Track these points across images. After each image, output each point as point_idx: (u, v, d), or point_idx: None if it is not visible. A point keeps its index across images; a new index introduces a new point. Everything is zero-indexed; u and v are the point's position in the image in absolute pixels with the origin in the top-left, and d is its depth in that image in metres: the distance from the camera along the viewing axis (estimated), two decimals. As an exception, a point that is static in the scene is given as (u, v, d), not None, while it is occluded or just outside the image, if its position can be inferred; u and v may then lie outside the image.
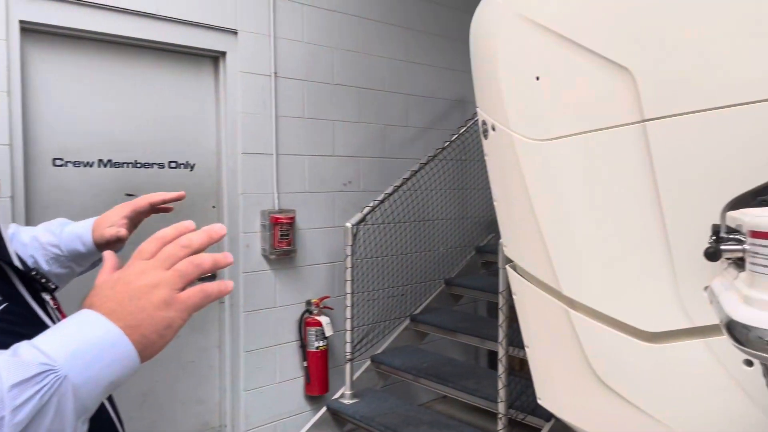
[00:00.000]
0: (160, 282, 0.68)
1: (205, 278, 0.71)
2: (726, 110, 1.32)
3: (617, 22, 1.47)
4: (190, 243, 0.71)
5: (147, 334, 0.66)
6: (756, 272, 0.66)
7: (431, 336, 4.19)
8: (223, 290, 0.72)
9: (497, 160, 2.03)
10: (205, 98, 3.11)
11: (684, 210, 1.42)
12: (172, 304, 0.68)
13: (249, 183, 3.18)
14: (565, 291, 1.76)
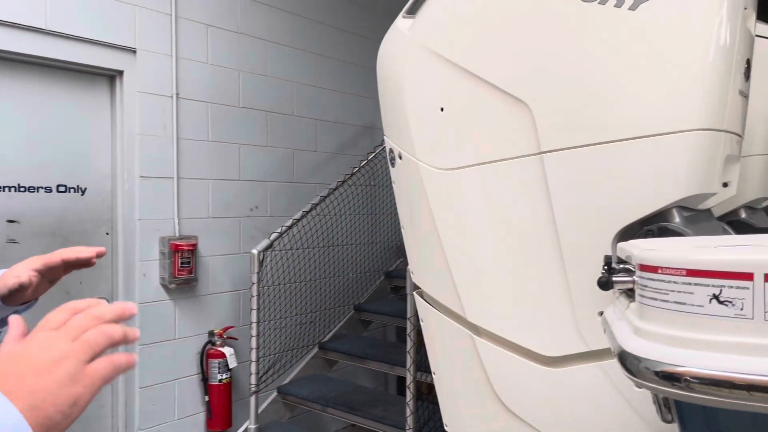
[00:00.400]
0: (67, 355, 0.62)
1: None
2: (614, 144, 1.40)
3: (516, 59, 1.54)
4: (102, 315, 0.67)
5: (50, 414, 0.59)
6: (645, 304, 0.69)
7: (340, 363, 4.13)
8: (131, 362, 0.67)
9: (404, 188, 2.05)
10: (99, 119, 2.93)
11: (578, 238, 1.49)
12: (79, 379, 0.62)
13: (147, 208, 3.02)
14: (470, 317, 1.79)
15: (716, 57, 1.34)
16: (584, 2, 1.42)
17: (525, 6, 1.51)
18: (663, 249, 0.69)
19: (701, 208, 1.60)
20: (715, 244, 0.78)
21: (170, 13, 3.02)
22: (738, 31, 1.39)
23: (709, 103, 1.35)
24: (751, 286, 0.59)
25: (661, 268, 0.66)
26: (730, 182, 1.51)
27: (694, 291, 0.62)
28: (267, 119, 3.73)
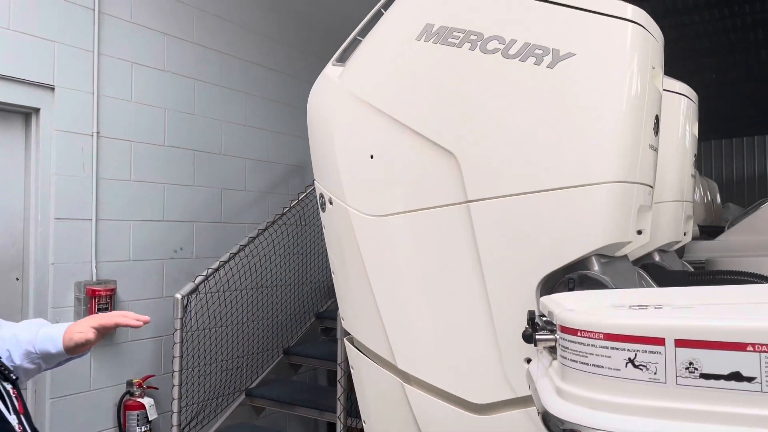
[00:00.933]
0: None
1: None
2: (536, 195, 1.45)
3: (443, 110, 1.58)
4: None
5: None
6: (566, 365, 0.70)
7: (268, 410, 3.99)
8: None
9: (335, 233, 2.04)
10: (13, 158, 2.77)
11: (504, 286, 1.52)
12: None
13: (62, 251, 2.85)
14: (400, 365, 1.78)
15: (628, 114, 1.43)
16: (506, 59, 1.48)
17: (450, 60, 1.56)
18: (582, 311, 0.71)
19: (618, 255, 1.67)
20: (631, 301, 0.81)
21: (92, 50, 2.92)
22: (647, 90, 1.49)
23: (623, 157, 1.43)
24: (663, 351, 0.61)
25: (581, 330, 0.67)
26: (643, 230, 1.60)
27: (611, 354, 0.64)
28: (194, 158, 3.64)
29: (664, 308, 0.71)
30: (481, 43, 1.51)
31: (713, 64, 9.45)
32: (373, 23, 1.80)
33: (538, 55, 1.45)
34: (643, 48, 1.45)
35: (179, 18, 3.46)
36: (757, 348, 0.57)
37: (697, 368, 0.60)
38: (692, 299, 0.81)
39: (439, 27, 1.58)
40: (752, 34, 8.59)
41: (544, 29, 1.46)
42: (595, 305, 0.80)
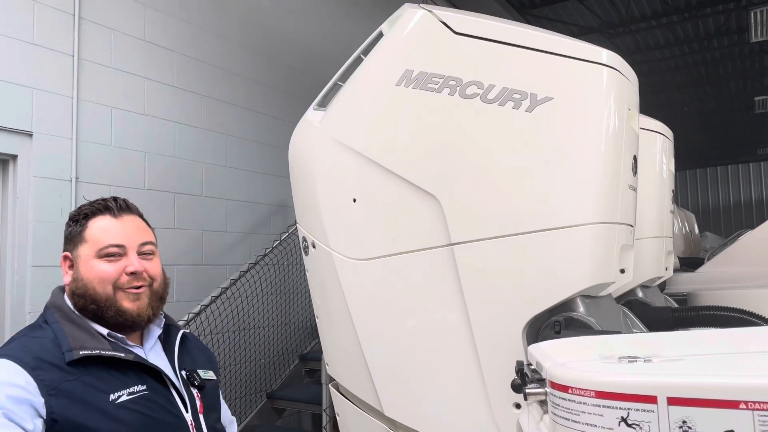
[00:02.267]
0: None
1: None
2: (519, 237, 1.45)
3: (425, 154, 1.59)
4: None
5: None
6: (558, 423, 0.69)
7: (252, 456, 3.88)
8: None
9: (318, 276, 2.02)
10: (-12, 204, 2.73)
11: (490, 330, 1.51)
12: None
13: (40, 300, 2.77)
14: (387, 412, 1.75)
15: (606, 156, 1.45)
16: (485, 103, 1.50)
17: (430, 106, 1.58)
18: (573, 367, 0.70)
19: (602, 295, 1.68)
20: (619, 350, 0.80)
21: (71, 95, 2.91)
22: (624, 130, 1.51)
23: (604, 198, 1.45)
24: (656, 410, 0.60)
25: (572, 387, 0.66)
26: (626, 268, 1.60)
27: (603, 413, 0.63)
28: (174, 200, 3.61)
29: (654, 360, 0.71)
30: (460, 88, 1.54)
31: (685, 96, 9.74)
32: (353, 68, 1.82)
33: (517, 99, 1.47)
34: (619, 91, 1.48)
35: (159, 62, 3.48)
36: (750, 406, 0.56)
37: (691, 427, 0.59)
38: (681, 348, 0.81)
39: (418, 73, 1.60)
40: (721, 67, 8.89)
41: (521, 74, 1.48)
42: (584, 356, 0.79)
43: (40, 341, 1.19)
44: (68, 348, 1.17)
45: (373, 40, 1.78)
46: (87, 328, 1.24)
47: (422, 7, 1.68)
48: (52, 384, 1.11)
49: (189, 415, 1.29)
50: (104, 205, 1.32)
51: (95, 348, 1.19)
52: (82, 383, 1.14)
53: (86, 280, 1.25)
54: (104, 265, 1.27)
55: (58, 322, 1.23)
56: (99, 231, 1.29)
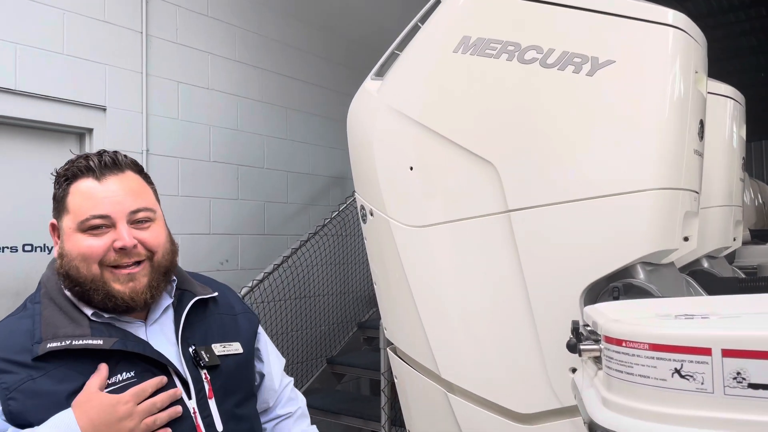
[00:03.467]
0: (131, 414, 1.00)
1: None
2: (578, 203, 1.44)
3: (482, 121, 1.59)
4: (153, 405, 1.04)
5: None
6: (611, 376, 0.70)
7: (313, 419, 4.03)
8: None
9: (376, 244, 2.07)
10: (67, 175, 2.91)
11: (547, 295, 1.51)
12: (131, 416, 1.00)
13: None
14: (443, 374, 1.79)
15: (671, 120, 1.41)
16: (544, 68, 1.49)
17: (489, 70, 1.57)
18: (627, 321, 0.72)
19: (664, 262, 1.65)
20: (677, 310, 0.81)
21: (141, 71, 3.05)
22: (690, 94, 1.47)
23: (667, 163, 1.41)
24: (710, 361, 0.61)
25: (626, 341, 0.67)
26: (690, 236, 1.56)
27: (657, 365, 0.64)
28: (238, 172, 3.74)
29: (711, 318, 0.71)
30: (519, 53, 1.52)
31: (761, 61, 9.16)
32: (410, 37, 1.83)
33: (577, 63, 1.44)
34: (685, 52, 1.43)
35: (222, 37, 3.57)
36: (807, 357, 0.56)
37: (745, 378, 0.59)
38: (740, 308, 0.80)
39: (476, 39, 1.59)
40: (801, 30, 8.29)
41: (582, 37, 1.45)
42: (640, 315, 0.79)
43: (12, 332, 1.05)
44: (38, 339, 1.02)
45: (430, 7, 1.78)
46: (68, 311, 1.08)
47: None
48: (13, 386, 0.98)
49: (192, 402, 1.11)
50: (85, 164, 1.11)
51: (66, 337, 1.02)
52: (51, 379, 1.00)
53: (70, 257, 1.08)
54: (88, 240, 1.08)
55: (39, 302, 1.09)
56: (81, 198, 1.09)
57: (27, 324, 1.05)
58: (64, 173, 1.12)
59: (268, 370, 1.44)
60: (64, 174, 1.12)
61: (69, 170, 1.12)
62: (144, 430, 1.01)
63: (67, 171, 1.12)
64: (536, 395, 1.54)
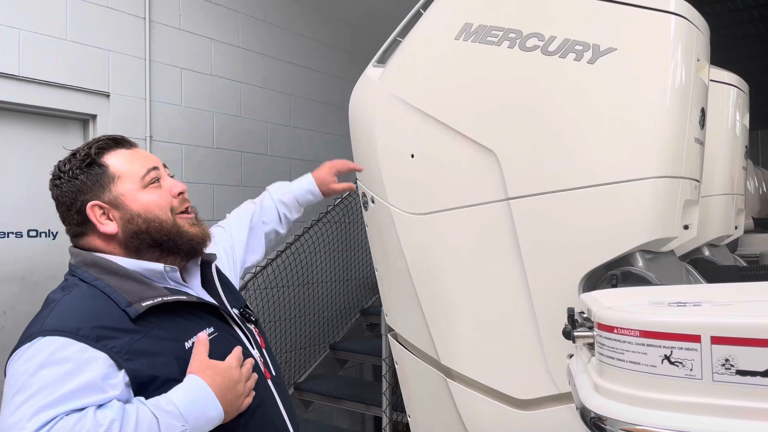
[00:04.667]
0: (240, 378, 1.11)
1: None
2: (578, 191, 1.45)
3: (483, 109, 1.59)
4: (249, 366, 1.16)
5: (230, 413, 1.07)
6: (603, 362, 0.71)
7: (316, 404, 4.08)
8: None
9: (377, 231, 2.08)
10: (71, 161, 2.92)
11: (546, 283, 1.52)
12: (242, 395, 1.10)
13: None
14: (443, 360, 1.81)
15: (672, 108, 1.41)
16: (545, 56, 1.48)
17: (490, 59, 1.57)
18: (619, 308, 0.72)
19: (664, 251, 1.65)
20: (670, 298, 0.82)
21: (144, 57, 3.05)
22: (691, 83, 1.46)
23: (667, 152, 1.42)
24: (699, 348, 0.62)
25: (617, 328, 0.68)
26: (690, 225, 1.57)
27: (647, 351, 0.65)
28: (241, 159, 3.75)
29: (703, 305, 0.71)
30: (520, 40, 1.52)
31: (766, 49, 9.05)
32: (412, 24, 1.82)
33: (579, 51, 1.44)
34: (687, 40, 1.43)
35: (225, 23, 3.56)
36: (794, 345, 0.57)
37: (734, 365, 0.60)
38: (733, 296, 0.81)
39: (477, 26, 1.59)
40: (810, 17, 8.19)
41: (583, 24, 1.45)
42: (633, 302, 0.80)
43: (89, 302, 1.05)
44: (127, 303, 1.04)
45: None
46: (136, 278, 1.11)
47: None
48: (126, 348, 1.00)
49: (256, 351, 1.26)
50: (110, 140, 1.19)
51: (155, 296, 1.07)
52: (151, 338, 1.04)
53: (144, 213, 1.13)
54: (155, 192, 1.16)
55: (98, 278, 1.09)
56: (128, 161, 1.16)
57: (101, 297, 1.06)
58: (89, 155, 1.15)
59: (237, 241, 1.67)
60: (91, 155, 1.15)
61: (94, 150, 1.16)
62: (249, 387, 1.13)
63: (91, 151, 1.15)
64: (534, 381, 1.56)
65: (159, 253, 1.16)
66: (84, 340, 0.97)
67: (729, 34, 8.08)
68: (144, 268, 1.13)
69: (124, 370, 0.99)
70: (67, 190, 1.14)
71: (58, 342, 0.96)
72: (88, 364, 0.95)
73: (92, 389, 0.93)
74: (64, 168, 1.16)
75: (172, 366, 1.05)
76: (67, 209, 1.15)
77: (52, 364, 0.93)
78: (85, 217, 1.13)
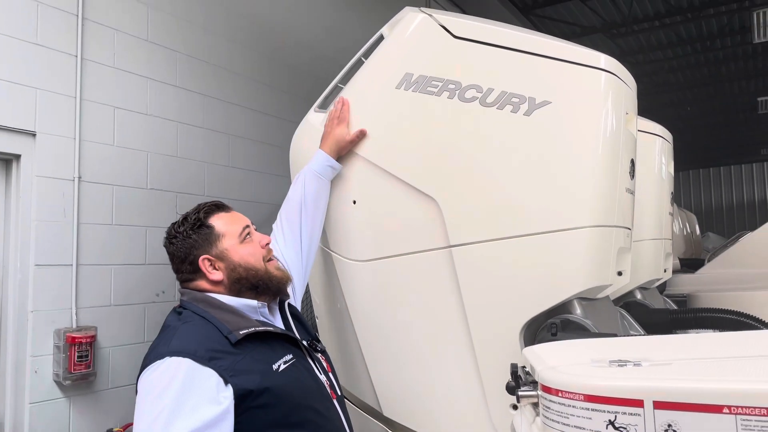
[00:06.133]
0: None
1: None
2: (515, 240, 1.47)
3: (424, 157, 1.60)
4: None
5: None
6: (548, 426, 0.70)
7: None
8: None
9: (318, 278, 2.04)
10: (-9, 203, 2.75)
11: (488, 330, 1.52)
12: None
13: (42, 298, 2.80)
14: (385, 412, 1.76)
15: (604, 159, 1.46)
16: (483, 107, 1.52)
17: (430, 109, 1.59)
18: (563, 370, 0.72)
19: (599, 297, 1.69)
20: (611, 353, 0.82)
21: (74, 95, 2.93)
22: (621, 134, 1.53)
23: (601, 202, 1.46)
24: (642, 413, 0.62)
25: (561, 391, 0.68)
26: (624, 271, 1.61)
27: (591, 416, 0.64)
28: (177, 200, 3.62)
29: (643, 365, 0.72)
30: (459, 91, 1.55)
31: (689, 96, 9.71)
32: (354, 71, 1.84)
33: (515, 103, 1.48)
34: (616, 95, 1.49)
35: (162, 62, 3.49)
36: (733, 410, 0.57)
37: (676, 430, 0.60)
38: (672, 352, 0.82)
39: (418, 76, 1.61)
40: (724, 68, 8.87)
41: (520, 78, 1.50)
42: (576, 361, 0.80)
43: (202, 330, 1.28)
44: (228, 331, 1.27)
45: (373, 43, 1.80)
46: (234, 312, 1.36)
47: (422, 10, 1.69)
48: (231, 367, 1.21)
49: (323, 377, 1.43)
50: (214, 204, 1.49)
51: (250, 326, 1.30)
52: (250, 359, 1.26)
53: (243, 263, 1.40)
54: (249, 246, 1.44)
55: (206, 311, 1.34)
56: (229, 223, 1.45)
57: (208, 326, 1.29)
58: (198, 218, 1.44)
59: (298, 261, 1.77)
60: (198, 218, 1.44)
61: (201, 214, 1.44)
62: None
63: (199, 216, 1.44)
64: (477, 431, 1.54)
65: (254, 293, 1.41)
66: (200, 360, 1.19)
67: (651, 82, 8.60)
68: (242, 303, 1.39)
69: (231, 386, 1.19)
70: (182, 247, 1.42)
71: (181, 362, 1.19)
72: (206, 380, 1.18)
73: (210, 401, 1.16)
74: (179, 229, 1.43)
75: (264, 382, 1.24)
76: (181, 262, 1.42)
77: (178, 380, 1.16)
78: (197, 267, 1.40)
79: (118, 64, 3.20)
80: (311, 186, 1.78)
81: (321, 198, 1.79)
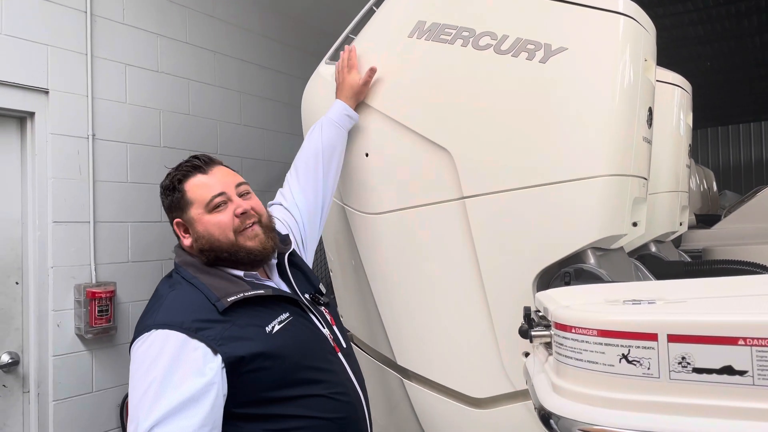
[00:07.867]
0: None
1: None
2: (530, 190, 1.45)
3: (437, 108, 1.58)
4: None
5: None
6: (561, 362, 0.71)
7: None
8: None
9: (332, 231, 2.05)
10: (8, 162, 2.76)
11: (501, 281, 1.52)
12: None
13: (61, 255, 2.84)
14: (399, 361, 1.79)
15: (620, 107, 1.43)
16: (498, 54, 1.49)
17: (443, 57, 1.56)
18: (576, 308, 0.72)
19: (614, 247, 1.68)
20: (625, 295, 0.82)
21: (86, 52, 2.91)
22: (639, 82, 1.49)
23: (617, 150, 1.44)
24: (656, 346, 0.62)
25: (575, 327, 0.68)
26: (638, 222, 1.60)
27: (605, 351, 0.65)
28: (190, 158, 3.64)
29: (658, 303, 0.72)
30: (473, 39, 1.52)
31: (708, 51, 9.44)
32: (365, 21, 1.80)
33: (531, 50, 1.45)
34: (635, 40, 1.45)
35: (172, 18, 3.45)
36: (749, 342, 0.57)
37: (690, 363, 0.60)
38: (686, 293, 0.82)
39: (431, 24, 1.58)
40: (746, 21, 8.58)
41: (535, 24, 1.46)
42: (589, 301, 0.80)
43: (191, 302, 1.27)
44: (216, 298, 1.26)
45: (385, -10, 1.76)
46: (223, 276, 1.34)
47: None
48: (219, 336, 1.21)
49: (326, 330, 1.42)
50: (191, 165, 1.43)
51: (238, 292, 1.28)
52: (239, 326, 1.24)
53: (208, 235, 1.36)
54: (217, 217, 1.37)
55: (195, 276, 1.32)
56: (199, 189, 1.39)
57: (197, 294, 1.28)
58: (175, 178, 1.40)
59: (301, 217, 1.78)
60: (176, 178, 1.40)
61: (179, 174, 1.41)
62: None
63: (176, 176, 1.41)
64: (490, 380, 1.56)
65: (230, 263, 1.37)
66: (186, 332, 1.18)
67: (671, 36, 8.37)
68: (226, 270, 1.36)
69: (220, 355, 1.18)
70: (165, 205, 1.43)
71: (169, 335, 1.18)
72: (192, 351, 1.17)
73: (195, 373, 1.15)
74: (162, 186, 1.43)
75: (256, 346, 1.23)
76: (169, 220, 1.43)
77: (165, 354, 1.16)
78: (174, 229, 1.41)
79: (127, 20, 3.17)
80: (328, 133, 1.76)
81: (338, 146, 1.77)
